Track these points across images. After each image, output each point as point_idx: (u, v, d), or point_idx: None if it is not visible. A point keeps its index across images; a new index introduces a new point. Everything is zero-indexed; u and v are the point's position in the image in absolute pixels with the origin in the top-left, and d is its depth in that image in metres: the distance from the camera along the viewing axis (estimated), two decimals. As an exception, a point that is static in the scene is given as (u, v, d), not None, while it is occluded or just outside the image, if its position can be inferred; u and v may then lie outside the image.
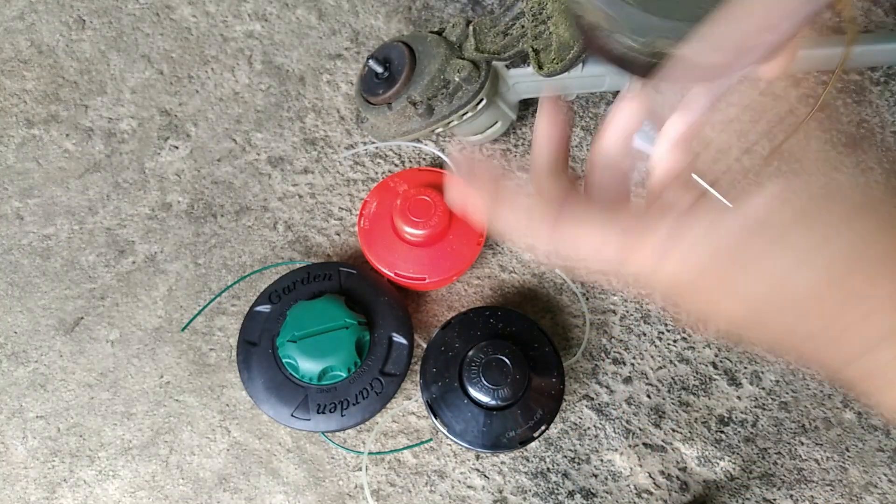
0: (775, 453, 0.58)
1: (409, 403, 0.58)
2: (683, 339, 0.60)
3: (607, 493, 0.56)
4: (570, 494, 0.57)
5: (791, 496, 0.57)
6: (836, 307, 0.22)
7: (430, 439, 0.57)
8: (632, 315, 0.61)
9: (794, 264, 0.22)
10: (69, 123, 0.65)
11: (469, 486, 0.57)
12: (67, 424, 0.58)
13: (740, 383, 0.59)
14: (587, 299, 0.61)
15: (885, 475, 0.57)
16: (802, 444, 0.58)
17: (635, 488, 0.57)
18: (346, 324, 0.53)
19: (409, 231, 0.56)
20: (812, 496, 0.57)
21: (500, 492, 0.57)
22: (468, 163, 0.27)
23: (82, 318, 0.60)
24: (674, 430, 0.58)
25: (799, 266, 0.22)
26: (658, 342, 0.60)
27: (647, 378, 0.59)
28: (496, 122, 0.61)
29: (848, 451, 0.58)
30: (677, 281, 0.24)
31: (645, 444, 0.58)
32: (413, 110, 0.57)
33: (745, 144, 0.66)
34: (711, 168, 0.69)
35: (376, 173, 0.64)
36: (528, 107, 0.65)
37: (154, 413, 0.58)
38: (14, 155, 0.64)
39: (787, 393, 0.59)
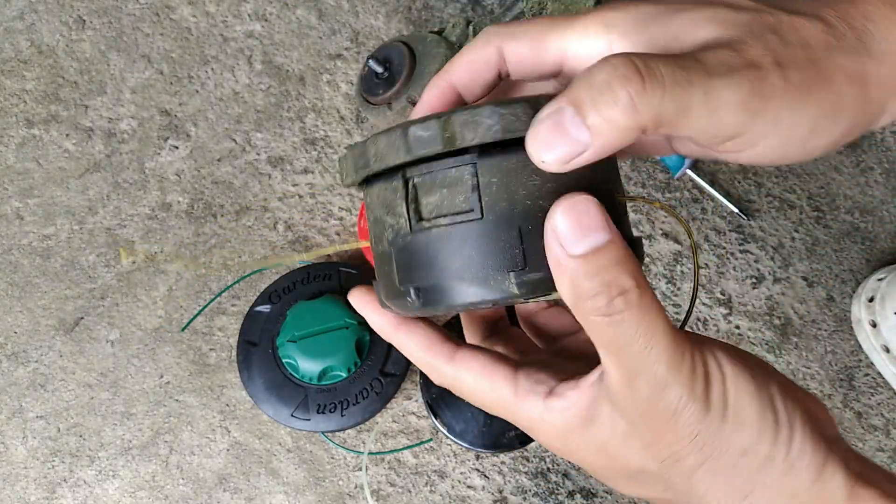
0: (775, 453, 0.58)
1: (409, 403, 0.58)
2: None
3: (607, 492, 0.56)
4: (571, 494, 0.57)
5: (791, 496, 0.57)
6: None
7: (430, 439, 0.57)
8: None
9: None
10: (69, 123, 0.65)
11: (469, 486, 0.57)
12: (67, 424, 0.58)
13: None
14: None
15: (885, 475, 0.57)
16: (802, 444, 0.58)
17: (635, 488, 0.57)
18: (346, 324, 0.53)
19: (409, 231, 0.56)
20: (812, 496, 0.57)
21: (500, 492, 0.57)
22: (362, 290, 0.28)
23: (82, 318, 0.60)
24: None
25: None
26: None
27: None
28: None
29: (848, 451, 0.58)
30: (556, 435, 0.26)
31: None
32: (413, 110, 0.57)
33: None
34: (713, 167, 0.68)
35: (376, 173, 0.64)
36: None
37: (154, 413, 0.58)
38: (14, 155, 0.64)
39: (787, 393, 0.59)
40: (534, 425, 0.26)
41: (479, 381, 0.26)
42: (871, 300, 0.60)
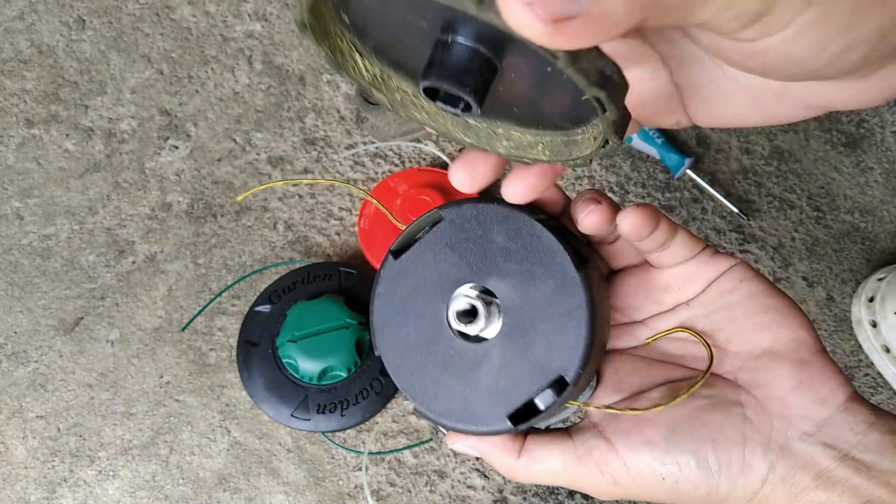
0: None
1: (409, 403, 0.58)
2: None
3: (607, 493, 0.56)
4: (571, 494, 0.57)
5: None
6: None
7: (430, 439, 0.57)
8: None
9: None
10: (69, 123, 0.65)
11: (469, 486, 0.57)
12: (67, 424, 0.58)
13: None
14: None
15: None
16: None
17: (635, 488, 0.57)
18: (346, 324, 0.53)
19: (409, 231, 0.56)
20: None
21: (500, 492, 0.57)
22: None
23: (82, 318, 0.60)
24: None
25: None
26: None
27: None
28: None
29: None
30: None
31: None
32: (413, 110, 0.57)
33: (743, 144, 0.66)
34: (713, 167, 0.68)
35: (376, 173, 0.64)
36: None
37: (154, 413, 0.58)
38: (14, 155, 0.64)
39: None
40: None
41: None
42: (871, 300, 0.60)
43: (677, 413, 0.28)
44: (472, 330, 0.28)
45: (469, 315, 0.28)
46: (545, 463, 0.30)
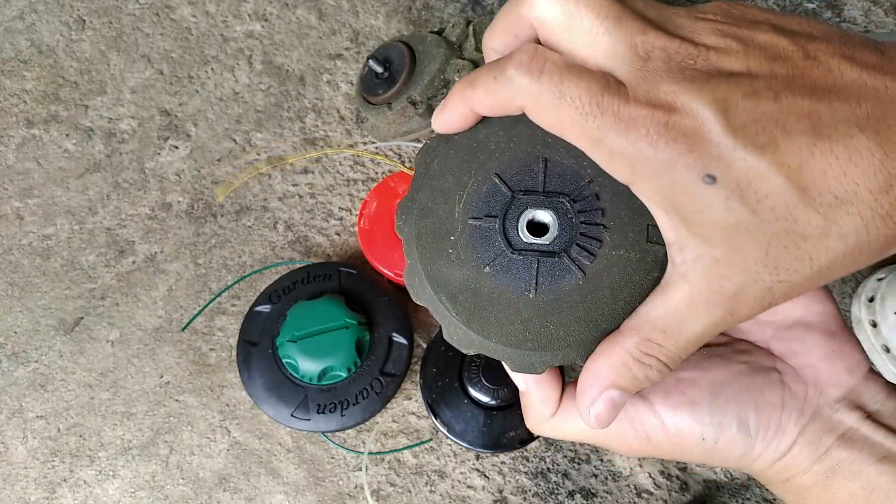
0: (775, 453, 0.58)
1: (409, 403, 0.58)
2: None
3: (607, 493, 0.56)
4: (571, 494, 0.57)
5: (791, 496, 0.57)
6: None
7: (430, 439, 0.57)
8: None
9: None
10: (69, 123, 0.65)
11: (469, 486, 0.57)
12: (67, 424, 0.58)
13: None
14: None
15: (886, 475, 0.57)
16: (802, 444, 0.58)
17: (635, 488, 0.57)
18: (346, 324, 0.53)
19: (409, 231, 0.56)
20: (812, 496, 0.57)
21: (501, 492, 0.57)
22: None
23: (82, 318, 0.60)
24: (674, 430, 0.58)
25: None
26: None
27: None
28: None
29: (848, 451, 0.58)
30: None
31: (645, 444, 0.58)
32: (413, 110, 0.57)
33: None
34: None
35: (376, 173, 0.64)
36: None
37: (154, 413, 0.58)
38: (14, 155, 0.64)
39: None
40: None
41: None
42: (871, 300, 0.60)
43: (718, 376, 0.29)
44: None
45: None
46: (578, 419, 0.29)
